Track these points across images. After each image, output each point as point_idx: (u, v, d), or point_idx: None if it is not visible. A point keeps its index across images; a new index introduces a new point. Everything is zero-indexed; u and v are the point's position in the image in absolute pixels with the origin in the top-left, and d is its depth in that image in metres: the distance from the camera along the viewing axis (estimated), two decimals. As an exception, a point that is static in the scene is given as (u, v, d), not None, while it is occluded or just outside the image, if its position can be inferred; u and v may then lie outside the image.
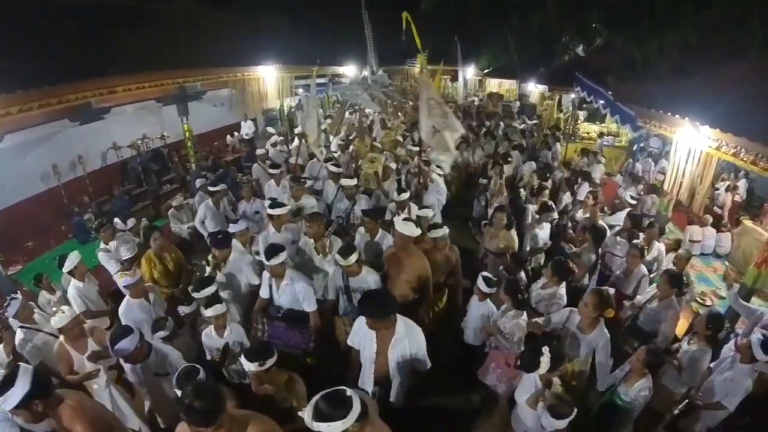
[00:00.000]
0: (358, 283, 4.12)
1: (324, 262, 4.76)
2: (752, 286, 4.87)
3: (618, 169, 12.49)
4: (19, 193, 8.41)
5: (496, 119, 16.44)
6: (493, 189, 7.67)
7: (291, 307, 4.16)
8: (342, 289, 4.28)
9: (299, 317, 4.16)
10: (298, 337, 4.10)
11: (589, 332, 3.71)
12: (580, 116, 14.62)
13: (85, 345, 3.70)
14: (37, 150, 8.20)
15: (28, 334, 4.11)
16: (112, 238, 5.71)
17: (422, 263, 4.24)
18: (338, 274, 4.29)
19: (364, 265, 4.17)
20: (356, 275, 4.09)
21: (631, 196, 7.37)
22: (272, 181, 7.21)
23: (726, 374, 3.69)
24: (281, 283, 4.10)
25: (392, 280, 4.25)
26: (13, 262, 7.48)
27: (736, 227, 7.62)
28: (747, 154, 4.53)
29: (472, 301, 4.55)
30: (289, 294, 4.11)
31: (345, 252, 3.93)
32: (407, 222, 4.21)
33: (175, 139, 11.75)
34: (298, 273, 4.26)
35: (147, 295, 4.34)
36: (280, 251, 3.95)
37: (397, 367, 3.27)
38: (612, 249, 5.89)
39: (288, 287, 4.09)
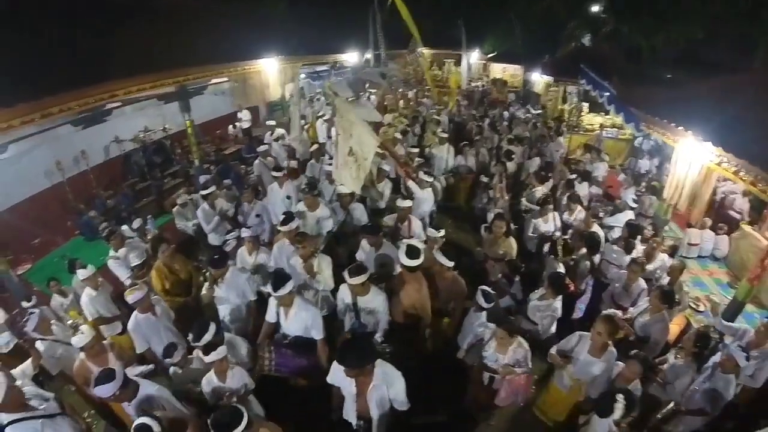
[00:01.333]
0: (365, 303, 4.13)
1: (312, 281, 4.74)
2: (743, 299, 4.98)
3: (621, 162, 12.53)
4: (23, 191, 8.46)
5: (500, 108, 16.36)
6: (494, 191, 7.70)
7: (299, 334, 4.13)
8: (349, 307, 4.25)
9: (307, 344, 4.13)
10: (305, 364, 4.09)
11: (601, 355, 3.90)
12: (584, 108, 14.52)
13: (106, 360, 3.85)
14: (40, 148, 8.22)
15: (48, 346, 4.26)
16: (122, 245, 5.82)
17: (420, 294, 4.27)
18: (345, 290, 4.26)
19: (373, 286, 4.17)
20: (364, 295, 4.10)
21: (633, 199, 7.47)
22: (275, 183, 6.98)
23: (708, 383, 3.92)
24: (290, 311, 4.05)
25: (394, 301, 4.34)
26: (21, 260, 7.58)
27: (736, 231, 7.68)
28: (747, 174, 4.59)
29: (470, 312, 4.64)
30: (297, 322, 4.07)
31: (355, 272, 3.93)
32: (409, 252, 4.17)
33: (177, 130, 11.81)
34: (306, 300, 4.24)
35: (154, 309, 4.40)
36: (286, 281, 3.86)
37: (377, 408, 3.27)
38: (608, 257, 5.97)
39: (297, 315, 4.05)
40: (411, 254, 4.14)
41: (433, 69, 23.52)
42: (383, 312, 4.16)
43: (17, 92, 5.23)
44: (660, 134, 6.82)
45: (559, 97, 16.25)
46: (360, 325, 4.24)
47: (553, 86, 16.50)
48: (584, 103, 14.24)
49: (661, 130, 6.62)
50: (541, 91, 18.18)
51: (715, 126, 5.36)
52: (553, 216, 6.60)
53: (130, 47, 7.61)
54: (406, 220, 5.59)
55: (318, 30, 15.21)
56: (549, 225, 6.56)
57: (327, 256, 4.92)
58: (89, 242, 8.26)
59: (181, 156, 11.60)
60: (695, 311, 6.16)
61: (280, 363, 4.02)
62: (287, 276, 3.97)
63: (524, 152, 10.36)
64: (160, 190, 9.89)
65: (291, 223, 4.88)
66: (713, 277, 7.22)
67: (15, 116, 5.14)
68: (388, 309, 4.21)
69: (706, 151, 5.32)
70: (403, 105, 14.24)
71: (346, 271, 4.00)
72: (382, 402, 3.25)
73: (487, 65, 23.29)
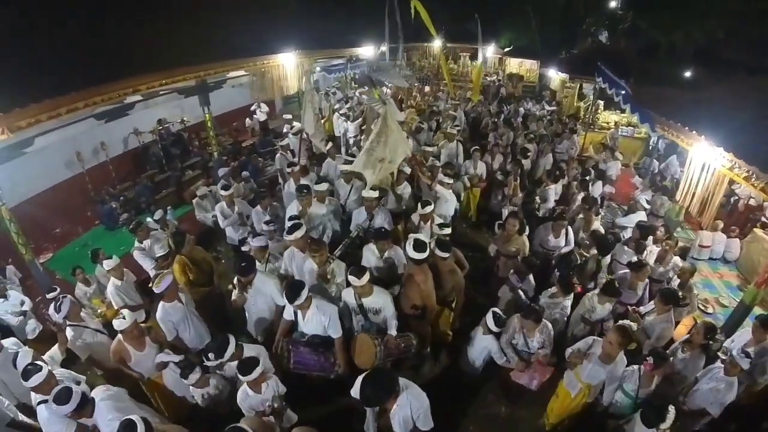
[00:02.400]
0: (371, 303, 4.21)
1: (326, 287, 4.69)
2: (750, 303, 5.05)
3: (636, 161, 12.47)
4: (45, 182, 8.72)
5: (515, 104, 16.32)
6: (509, 189, 7.77)
7: (316, 333, 4.18)
8: (355, 309, 4.33)
9: (324, 342, 4.17)
10: (323, 362, 4.13)
11: (610, 362, 3.96)
12: (600, 105, 14.43)
13: (144, 343, 4.09)
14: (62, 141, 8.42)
15: (77, 332, 4.48)
16: (147, 236, 6.05)
17: (426, 285, 4.37)
18: (350, 294, 4.29)
19: (375, 286, 4.24)
20: (368, 295, 4.18)
21: (646, 200, 7.50)
22: (291, 180, 6.95)
23: (712, 384, 4.02)
24: (307, 312, 4.07)
25: (402, 293, 4.58)
26: (43, 249, 7.86)
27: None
28: (758, 180, 4.64)
29: (477, 334, 4.61)
30: (315, 322, 4.10)
31: (357, 273, 3.99)
32: (416, 246, 4.28)
33: (195, 122, 12.04)
34: (323, 300, 4.22)
35: (180, 297, 4.55)
36: (301, 290, 3.87)
37: (400, 428, 3.21)
38: (618, 257, 6.05)
39: (314, 316, 4.08)
40: (418, 248, 4.25)
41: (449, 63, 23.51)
42: (390, 309, 4.24)
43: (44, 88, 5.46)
44: (674, 137, 6.85)
45: (575, 94, 16.14)
46: (370, 325, 4.33)
47: (569, 83, 16.37)
48: (600, 100, 14.14)
49: (675, 133, 6.65)
50: (557, 88, 18.06)
51: (728, 130, 5.43)
52: (565, 231, 6.22)
53: (152, 43, 7.84)
54: (429, 219, 5.65)
55: (334, 23, 15.29)
56: (560, 240, 6.24)
57: (342, 262, 4.88)
58: (110, 232, 8.49)
59: (199, 148, 11.82)
60: (704, 313, 6.25)
61: (298, 361, 4.08)
62: (300, 284, 3.95)
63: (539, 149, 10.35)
64: (179, 181, 10.09)
65: (297, 232, 4.71)
66: (723, 279, 7.27)
67: (42, 111, 5.36)
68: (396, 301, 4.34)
69: (719, 155, 5.36)
70: (419, 99, 14.25)
71: (349, 274, 4.05)
72: (405, 422, 3.19)
73: (503, 60, 23.13)
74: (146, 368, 4.16)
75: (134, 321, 3.99)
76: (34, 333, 5.62)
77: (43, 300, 6.05)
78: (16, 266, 6.64)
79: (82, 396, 3.32)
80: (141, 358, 4.09)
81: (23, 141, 5.89)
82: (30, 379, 3.42)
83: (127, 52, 7.24)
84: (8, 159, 5.83)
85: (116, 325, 3.89)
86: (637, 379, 3.94)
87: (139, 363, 4.11)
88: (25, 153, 6.10)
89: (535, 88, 20.38)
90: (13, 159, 5.93)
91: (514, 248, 5.98)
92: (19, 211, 6.56)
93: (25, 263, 6.14)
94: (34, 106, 5.18)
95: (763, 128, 5.41)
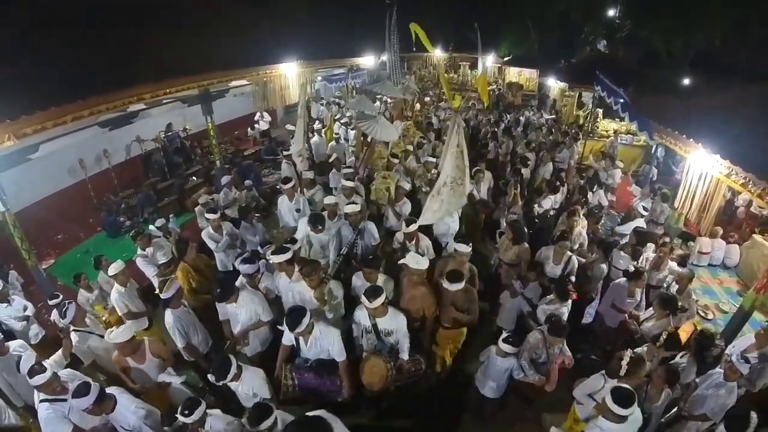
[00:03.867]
0: (385, 324, 4.10)
1: (324, 310, 4.48)
2: (749, 309, 5.09)
3: (636, 168, 12.54)
4: (48, 188, 8.82)
5: (515, 113, 16.45)
6: (509, 197, 7.81)
7: (319, 357, 4.03)
8: (367, 329, 4.20)
9: (328, 366, 4.03)
10: (329, 385, 4.03)
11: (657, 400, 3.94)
12: (599, 113, 14.53)
13: (144, 357, 4.06)
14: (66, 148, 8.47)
15: (83, 337, 4.52)
16: (149, 244, 6.07)
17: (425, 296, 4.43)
18: (363, 314, 4.15)
19: (390, 307, 4.13)
20: (383, 316, 4.07)
21: (644, 207, 7.56)
22: (284, 196, 6.62)
23: (712, 390, 4.04)
24: (309, 338, 3.90)
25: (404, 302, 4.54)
26: (45, 255, 7.90)
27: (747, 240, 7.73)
28: (755, 186, 4.70)
29: (491, 356, 4.41)
30: (318, 348, 3.94)
31: (371, 294, 3.86)
32: (415, 256, 4.39)
33: (197, 130, 12.16)
34: (326, 324, 4.02)
35: (184, 303, 4.65)
36: (302, 317, 3.66)
37: None
38: (615, 263, 6.10)
39: (316, 342, 3.91)
40: (417, 260, 4.32)
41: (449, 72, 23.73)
42: (403, 332, 4.15)
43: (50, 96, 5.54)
44: (672, 145, 6.92)
45: (574, 103, 16.26)
46: (383, 346, 4.25)
47: (568, 92, 16.50)
48: (599, 109, 14.24)
49: (673, 141, 6.72)
50: (557, 96, 18.20)
51: (726, 138, 5.51)
52: (567, 260, 5.61)
53: (157, 52, 7.92)
54: (414, 238, 5.40)
55: (336, 34, 15.45)
56: (557, 268, 5.66)
57: (337, 282, 4.74)
58: (112, 239, 8.52)
59: (201, 156, 11.91)
60: (703, 319, 6.27)
61: (303, 386, 4.00)
62: (302, 311, 3.73)
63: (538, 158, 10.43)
64: (181, 189, 10.15)
65: (282, 254, 4.44)
66: (723, 285, 7.30)
67: (48, 119, 5.44)
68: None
69: (716, 163, 5.42)
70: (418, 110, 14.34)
71: (363, 295, 3.91)
72: None
73: (503, 69, 23.34)
74: (146, 381, 4.12)
75: (127, 337, 3.91)
76: (37, 338, 5.64)
77: (45, 305, 6.07)
78: (18, 271, 6.67)
79: (101, 390, 3.36)
80: (141, 372, 4.07)
81: (28, 147, 5.97)
82: (34, 377, 3.45)
83: (132, 61, 7.33)
84: (14, 165, 5.91)
85: (109, 338, 3.89)
86: (644, 393, 3.90)
87: (140, 376, 4.08)
88: (30, 159, 6.17)
89: (534, 96, 20.52)
90: (18, 165, 6.00)
91: (516, 256, 6.02)
92: (22, 217, 6.61)
93: (27, 268, 6.18)
94: (40, 114, 5.26)
95: (760, 135, 5.47)
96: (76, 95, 5.81)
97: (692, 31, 15.41)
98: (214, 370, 3.62)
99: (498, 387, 4.48)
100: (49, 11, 7.57)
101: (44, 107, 5.35)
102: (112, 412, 3.47)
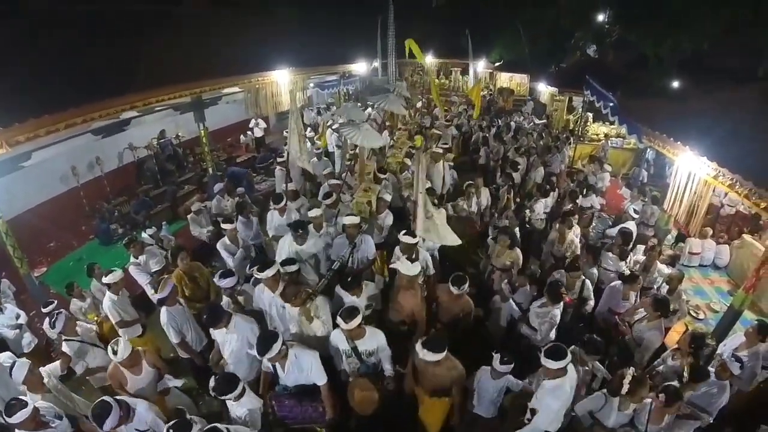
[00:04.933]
0: (364, 345, 3.92)
1: (310, 328, 4.26)
2: (739, 308, 5.16)
3: (626, 171, 12.67)
4: (40, 195, 8.75)
5: (506, 117, 16.57)
6: (501, 202, 7.86)
7: (299, 383, 3.83)
8: (347, 352, 3.99)
9: (310, 391, 3.84)
10: (311, 412, 3.86)
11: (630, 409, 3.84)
12: (590, 117, 14.69)
13: (141, 368, 4.00)
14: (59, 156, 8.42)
15: (71, 346, 4.49)
16: (142, 252, 6.04)
17: (416, 300, 4.42)
18: (340, 337, 3.94)
19: (368, 327, 3.96)
20: (361, 337, 3.89)
21: (634, 209, 7.65)
22: (275, 212, 6.41)
23: (704, 388, 4.09)
24: (285, 363, 3.67)
25: (391, 308, 4.54)
26: (37, 263, 7.79)
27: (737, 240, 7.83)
28: (741, 187, 4.79)
29: (483, 377, 4.12)
30: (295, 372, 3.72)
31: (348, 315, 3.68)
32: (405, 262, 4.34)
33: (190, 137, 12.17)
34: (301, 346, 3.79)
35: (179, 301, 4.72)
36: (273, 342, 3.46)
37: None
38: (605, 264, 6.15)
39: (293, 366, 3.70)
40: (408, 267, 4.30)
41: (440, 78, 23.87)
42: (385, 350, 4.01)
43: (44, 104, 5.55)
44: (660, 147, 7.03)
45: (564, 107, 16.42)
46: (366, 368, 4.05)
47: (558, 96, 16.67)
48: (589, 113, 14.40)
49: (661, 144, 6.83)
50: (547, 101, 18.37)
51: (713, 140, 5.61)
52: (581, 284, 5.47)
53: (150, 60, 7.95)
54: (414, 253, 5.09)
55: (328, 40, 15.55)
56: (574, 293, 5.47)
57: (325, 298, 4.46)
58: (104, 246, 8.47)
59: (193, 163, 11.90)
60: (695, 319, 6.33)
61: (284, 415, 3.88)
62: (273, 336, 3.54)
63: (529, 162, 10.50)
64: (174, 196, 10.12)
65: (268, 270, 4.26)
66: (714, 285, 7.36)
67: (41, 126, 5.46)
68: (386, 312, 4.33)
69: (704, 165, 5.52)
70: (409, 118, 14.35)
71: (338, 316, 3.74)
72: None
73: (494, 74, 23.52)
74: (145, 392, 4.04)
75: (130, 353, 3.83)
76: (30, 347, 5.59)
77: (38, 314, 6.03)
78: (10, 280, 6.61)
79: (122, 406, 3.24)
80: (138, 383, 4.01)
81: (21, 155, 5.97)
82: (14, 415, 3.16)
83: (125, 68, 7.36)
84: (6, 173, 5.88)
85: (111, 357, 3.81)
86: (647, 413, 3.78)
87: (137, 387, 4.01)
88: (23, 167, 6.16)
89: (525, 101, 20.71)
90: (11, 173, 5.98)
91: (509, 261, 6.05)
92: (15, 224, 6.56)
93: (19, 277, 6.15)
94: (32, 121, 5.28)
95: (746, 137, 5.58)
96: (68, 103, 5.83)
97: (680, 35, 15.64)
98: (218, 384, 3.50)
99: (494, 405, 4.24)
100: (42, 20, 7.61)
101: (37, 115, 5.38)
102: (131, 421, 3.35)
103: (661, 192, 8.01)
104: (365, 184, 7.04)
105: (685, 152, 5.95)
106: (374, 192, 6.73)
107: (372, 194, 6.62)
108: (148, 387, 4.05)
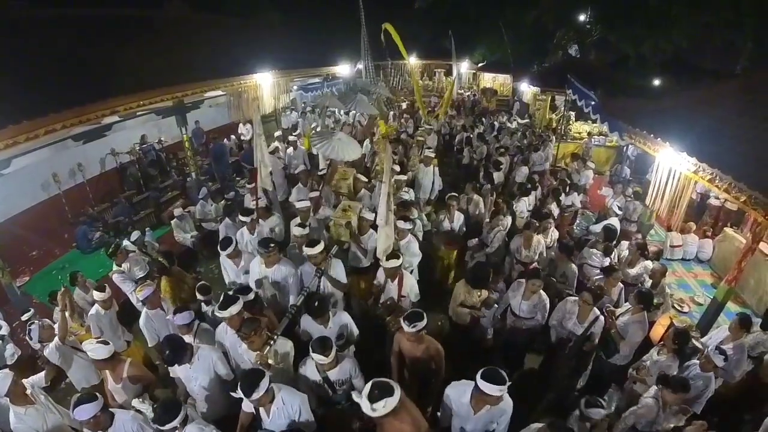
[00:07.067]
0: (337, 375, 3.66)
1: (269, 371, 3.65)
2: (722, 300, 5.26)
3: (608, 168, 12.85)
4: (21, 203, 8.57)
5: (489, 118, 16.68)
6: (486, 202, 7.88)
7: (285, 429, 3.33)
8: (318, 383, 3.72)
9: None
10: None
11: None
12: (572, 116, 14.86)
13: (121, 377, 3.91)
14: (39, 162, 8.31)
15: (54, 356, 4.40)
16: (125, 259, 5.94)
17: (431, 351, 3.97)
18: (311, 369, 3.68)
19: (339, 354, 3.69)
20: (333, 368, 3.62)
21: (618, 206, 7.77)
22: (244, 228, 5.85)
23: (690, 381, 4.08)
24: (271, 407, 3.24)
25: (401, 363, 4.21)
26: (20, 272, 7.63)
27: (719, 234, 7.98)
28: (721, 181, 4.88)
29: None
30: (283, 418, 3.28)
31: (322, 349, 3.42)
32: (412, 316, 3.73)
33: (172, 142, 12.04)
34: (288, 389, 3.37)
35: (162, 305, 4.68)
36: (260, 380, 3.03)
37: None
38: (588, 260, 6.23)
39: (281, 411, 3.26)
40: (413, 318, 3.70)
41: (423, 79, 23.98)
42: (358, 378, 3.73)
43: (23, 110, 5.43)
44: (641, 144, 7.14)
45: (546, 107, 16.59)
46: (340, 397, 3.81)
47: (540, 96, 16.85)
48: (571, 111, 14.58)
49: (642, 140, 6.94)
50: (530, 101, 18.56)
51: (693, 137, 5.71)
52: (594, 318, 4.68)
53: (130, 64, 7.84)
54: (397, 277, 4.76)
55: (310, 42, 15.50)
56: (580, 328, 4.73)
57: (287, 341, 4.01)
58: (85, 255, 8.32)
59: (176, 168, 11.77)
60: (679, 312, 6.43)
61: None
62: (259, 374, 3.12)
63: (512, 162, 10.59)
64: (157, 202, 9.99)
65: (231, 307, 3.81)
66: (698, 279, 7.51)
67: (20, 133, 5.33)
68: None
69: (684, 160, 5.62)
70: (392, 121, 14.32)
71: (313, 351, 3.46)
72: None
73: (477, 74, 23.69)
74: (119, 399, 3.97)
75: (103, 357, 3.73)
76: (13, 358, 5.43)
77: (20, 325, 5.90)
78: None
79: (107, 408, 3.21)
80: (115, 390, 3.94)
81: (0, 162, 5.83)
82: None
83: (105, 73, 7.24)
84: (-15, 181, 5.75)
85: (89, 353, 3.75)
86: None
87: (114, 392, 3.96)
88: (2, 175, 6.03)
89: (509, 101, 20.91)
90: (-10, 181, 5.85)
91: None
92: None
93: (1, 286, 6.03)
94: (11, 128, 5.15)
95: (725, 133, 5.70)
96: (48, 108, 5.70)
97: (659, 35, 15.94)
98: (157, 414, 3.10)
99: None
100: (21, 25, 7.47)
101: (16, 121, 5.24)
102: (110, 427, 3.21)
103: (643, 188, 8.14)
104: (344, 203, 6.19)
105: (666, 148, 6.05)
106: (354, 211, 5.81)
107: (352, 214, 5.73)
108: (122, 397, 3.95)
